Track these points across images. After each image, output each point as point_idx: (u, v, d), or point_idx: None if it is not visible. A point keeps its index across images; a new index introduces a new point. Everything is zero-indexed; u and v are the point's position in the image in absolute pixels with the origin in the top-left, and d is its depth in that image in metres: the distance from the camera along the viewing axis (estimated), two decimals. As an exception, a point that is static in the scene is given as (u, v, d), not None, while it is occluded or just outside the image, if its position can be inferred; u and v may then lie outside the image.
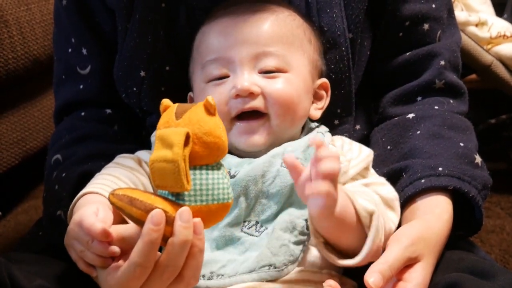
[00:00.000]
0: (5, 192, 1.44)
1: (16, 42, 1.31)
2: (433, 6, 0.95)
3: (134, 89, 0.91)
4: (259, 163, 0.78)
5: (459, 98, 0.95)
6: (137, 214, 0.61)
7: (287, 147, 0.80)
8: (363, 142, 0.87)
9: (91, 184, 0.78)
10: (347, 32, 0.89)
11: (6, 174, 1.35)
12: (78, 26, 0.95)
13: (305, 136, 0.84)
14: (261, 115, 0.81)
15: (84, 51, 0.95)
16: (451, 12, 0.99)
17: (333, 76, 0.89)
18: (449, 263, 0.77)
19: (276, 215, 0.76)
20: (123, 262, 0.64)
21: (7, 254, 0.82)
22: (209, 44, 0.84)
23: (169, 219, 0.61)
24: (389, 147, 0.91)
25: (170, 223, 0.61)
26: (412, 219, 0.79)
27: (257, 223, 0.76)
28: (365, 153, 0.83)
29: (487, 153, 0.97)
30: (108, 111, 0.97)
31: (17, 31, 1.31)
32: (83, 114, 0.96)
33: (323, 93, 0.88)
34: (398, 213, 0.80)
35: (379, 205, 0.76)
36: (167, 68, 0.91)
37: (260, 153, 0.80)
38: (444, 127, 0.88)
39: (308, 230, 0.75)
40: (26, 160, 1.42)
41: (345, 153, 0.82)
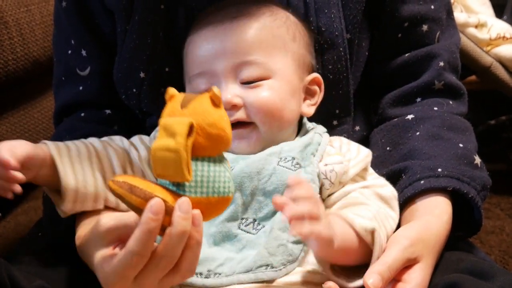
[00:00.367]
0: (4, 193, 1.43)
1: (16, 44, 1.31)
2: (432, 7, 0.95)
3: (134, 90, 0.92)
4: (254, 160, 0.78)
5: (459, 99, 0.95)
6: (136, 202, 0.61)
7: (284, 146, 0.80)
8: (362, 143, 0.87)
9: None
10: (345, 33, 0.89)
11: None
12: (78, 27, 0.95)
13: (303, 137, 0.84)
14: (248, 123, 0.81)
15: (84, 52, 0.95)
16: (450, 13, 0.99)
17: (331, 77, 0.89)
18: (449, 264, 0.77)
19: (274, 213, 0.76)
20: (120, 250, 0.63)
21: (7, 254, 0.82)
22: (192, 57, 0.84)
23: (168, 209, 0.61)
24: (388, 148, 0.91)
25: (169, 213, 0.61)
26: (411, 220, 0.79)
27: (255, 220, 0.76)
28: (364, 153, 0.83)
29: (486, 154, 0.97)
30: (108, 112, 0.97)
31: (17, 32, 1.31)
32: (82, 115, 0.96)
33: (316, 88, 0.87)
34: (397, 212, 0.80)
35: (379, 211, 0.76)
36: (166, 69, 0.91)
37: (256, 152, 0.80)
38: (444, 128, 0.88)
39: None
40: (26, 161, 1.41)
41: (344, 153, 0.82)
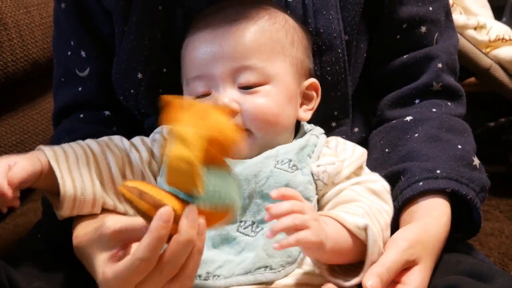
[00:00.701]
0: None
1: (15, 45, 1.31)
2: (430, 8, 0.95)
3: (132, 91, 0.92)
4: (251, 164, 0.78)
5: (457, 101, 0.95)
6: (145, 208, 0.62)
7: (280, 149, 0.80)
8: (361, 145, 0.87)
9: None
10: (343, 34, 0.89)
11: (5, 176, 1.34)
12: (77, 29, 0.95)
13: (299, 139, 0.84)
14: (244, 128, 0.80)
15: (83, 53, 0.96)
16: (448, 15, 0.99)
17: (329, 78, 0.89)
18: (448, 265, 0.77)
19: None
20: (122, 255, 0.64)
21: (5, 256, 0.82)
22: (191, 60, 0.84)
23: (176, 217, 0.62)
24: (387, 150, 0.91)
25: (176, 221, 0.62)
26: (410, 221, 0.79)
27: (253, 223, 0.76)
28: (359, 152, 0.83)
29: (486, 156, 0.97)
30: (107, 113, 0.97)
31: (16, 34, 1.31)
32: (81, 116, 0.96)
33: (313, 93, 0.87)
34: (390, 205, 0.80)
35: (371, 206, 0.76)
36: (164, 70, 0.91)
37: (252, 157, 0.80)
38: (442, 129, 0.88)
39: None
40: (25, 163, 1.41)
41: (339, 153, 0.82)
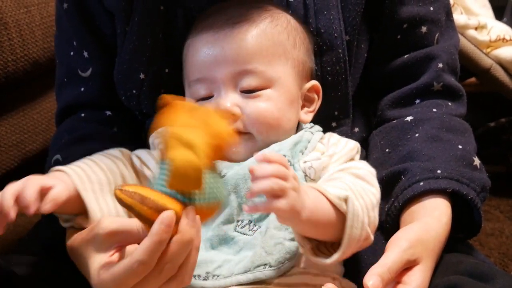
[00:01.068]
0: (4, 195, 1.43)
1: (16, 45, 1.31)
2: (431, 8, 0.95)
3: (134, 91, 0.92)
4: (248, 163, 0.78)
5: (458, 101, 0.95)
6: (147, 213, 0.61)
7: (274, 147, 0.80)
8: (362, 145, 0.87)
9: (69, 164, 0.77)
10: (344, 34, 0.89)
11: (5, 176, 1.34)
12: (79, 29, 0.95)
13: (293, 135, 0.83)
14: (244, 132, 0.81)
15: (85, 54, 0.96)
16: (449, 15, 0.99)
17: (329, 78, 0.89)
18: (448, 265, 0.77)
19: (269, 213, 0.76)
20: (117, 258, 0.64)
21: (5, 256, 0.82)
22: (192, 62, 0.84)
23: (177, 219, 0.62)
24: (387, 150, 0.91)
25: (176, 222, 0.62)
26: (411, 221, 0.79)
27: (250, 222, 0.76)
28: (350, 146, 0.82)
29: (486, 156, 0.98)
30: (108, 113, 0.97)
31: (16, 33, 1.31)
32: (83, 115, 0.96)
33: (314, 96, 0.87)
34: (377, 187, 0.77)
35: (355, 184, 0.74)
36: (166, 70, 0.91)
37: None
38: (443, 129, 0.88)
39: None
40: (25, 163, 1.41)
41: (329, 147, 0.82)
